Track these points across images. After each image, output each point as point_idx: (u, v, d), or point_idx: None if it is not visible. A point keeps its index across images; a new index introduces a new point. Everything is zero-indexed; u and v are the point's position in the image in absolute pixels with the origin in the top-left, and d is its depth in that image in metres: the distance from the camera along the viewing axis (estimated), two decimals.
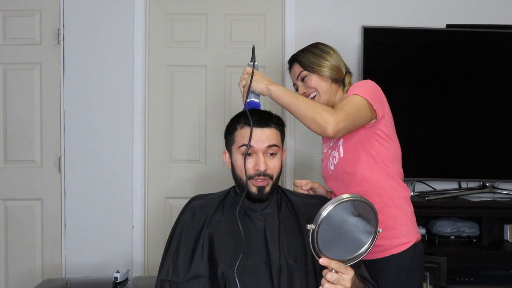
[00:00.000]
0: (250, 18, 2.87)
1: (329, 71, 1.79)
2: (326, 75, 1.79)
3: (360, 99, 1.66)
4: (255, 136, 1.51)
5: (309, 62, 1.80)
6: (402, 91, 2.74)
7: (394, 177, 1.77)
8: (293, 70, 1.86)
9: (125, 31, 2.79)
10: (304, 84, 1.81)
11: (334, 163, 1.77)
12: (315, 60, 1.80)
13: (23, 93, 2.80)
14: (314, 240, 1.19)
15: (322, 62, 1.79)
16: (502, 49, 2.74)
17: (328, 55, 1.81)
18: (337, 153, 1.77)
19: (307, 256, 1.49)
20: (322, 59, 1.80)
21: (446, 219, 2.67)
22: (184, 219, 1.58)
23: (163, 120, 2.86)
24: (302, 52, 1.84)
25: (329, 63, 1.80)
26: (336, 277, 1.23)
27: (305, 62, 1.80)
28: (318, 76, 1.79)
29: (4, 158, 2.80)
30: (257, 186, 1.52)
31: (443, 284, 2.41)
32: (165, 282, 1.51)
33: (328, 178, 1.83)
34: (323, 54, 1.81)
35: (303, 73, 1.81)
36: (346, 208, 1.20)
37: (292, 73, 1.87)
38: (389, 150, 1.78)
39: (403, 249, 1.69)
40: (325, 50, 1.82)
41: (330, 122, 1.56)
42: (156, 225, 2.83)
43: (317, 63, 1.79)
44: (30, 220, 2.79)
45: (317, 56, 1.80)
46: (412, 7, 2.84)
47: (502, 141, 2.74)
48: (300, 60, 1.82)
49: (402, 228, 1.71)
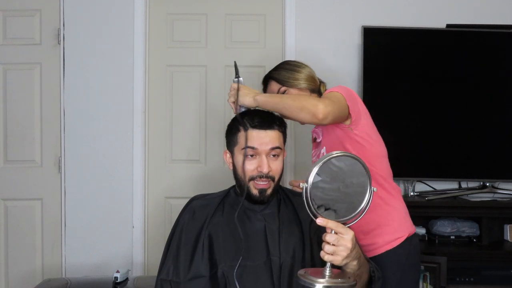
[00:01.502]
0: (250, 18, 2.87)
1: (305, 83, 1.89)
2: (303, 86, 1.89)
3: (338, 93, 1.73)
4: (258, 138, 1.51)
5: (286, 78, 1.89)
6: (402, 91, 2.74)
7: (381, 174, 1.77)
8: (271, 88, 1.93)
9: (125, 31, 2.79)
10: None
11: None
12: (290, 75, 1.89)
13: (23, 93, 2.80)
14: (309, 199, 1.18)
15: (297, 75, 1.89)
16: (502, 49, 2.74)
17: (301, 67, 1.92)
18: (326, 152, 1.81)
19: (306, 255, 1.49)
20: (296, 73, 1.89)
21: (446, 219, 2.68)
22: (184, 219, 1.58)
23: (163, 120, 2.86)
24: (276, 70, 1.94)
25: (304, 75, 1.90)
26: (335, 237, 1.21)
27: (281, 78, 1.90)
28: (297, 89, 1.89)
29: (4, 158, 2.80)
30: (259, 188, 1.51)
31: (443, 284, 2.41)
32: (166, 282, 1.51)
33: None
34: (296, 68, 1.91)
35: (282, 89, 1.89)
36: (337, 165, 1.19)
37: (270, 91, 1.94)
38: (373, 148, 1.78)
39: (396, 244, 1.70)
40: (296, 64, 1.94)
41: (319, 105, 1.62)
42: (156, 225, 2.83)
43: (293, 77, 1.89)
44: (30, 220, 2.79)
45: (291, 71, 1.90)
46: (412, 7, 2.84)
47: (502, 141, 2.74)
48: (276, 77, 1.91)
49: (394, 223, 1.73)
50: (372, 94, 2.70)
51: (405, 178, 2.79)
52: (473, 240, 2.66)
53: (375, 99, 2.71)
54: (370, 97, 2.69)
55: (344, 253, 1.21)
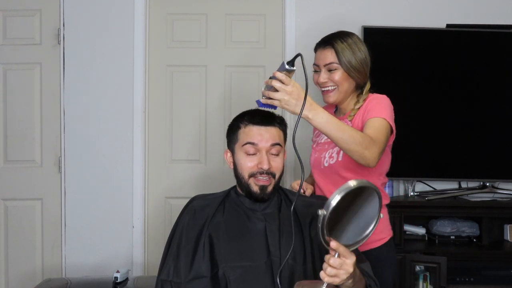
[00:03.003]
0: (250, 18, 2.87)
1: (356, 74, 1.78)
2: (352, 75, 1.78)
3: (386, 124, 1.69)
4: (258, 134, 1.52)
5: (346, 59, 1.75)
6: (402, 91, 2.74)
7: (381, 186, 1.84)
8: (326, 54, 1.78)
9: (125, 31, 2.79)
10: (328, 74, 1.77)
11: (331, 162, 1.78)
12: (350, 57, 1.76)
13: (23, 93, 2.79)
14: (324, 226, 1.18)
15: (355, 62, 1.76)
16: (502, 49, 2.74)
17: (363, 56, 1.79)
18: (336, 155, 1.77)
19: (307, 255, 1.49)
20: (356, 59, 1.76)
21: (446, 219, 2.68)
22: (184, 220, 1.58)
23: (163, 120, 2.86)
24: (341, 42, 1.76)
25: (361, 67, 1.78)
26: (339, 262, 1.21)
27: (341, 55, 1.75)
28: (345, 74, 1.77)
29: (4, 158, 2.80)
30: (259, 185, 1.52)
31: (443, 284, 2.42)
32: (166, 283, 1.51)
33: (318, 171, 1.84)
34: (358, 53, 1.77)
35: (334, 65, 1.76)
36: (352, 194, 1.19)
37: (323, 55, 1.79)
38: (385, 163, 1.83)
39: (380, 244, 1.79)
40: (361, 49, 1.79)
41: (375, 156, 1.56)
42: (156, 225, 2.83)
43: (351, 61, 1.76)
44: (30, 220, 2.79)
45: (353, 54, 1.76)
46: (412, 7, 2.84)
47: (502, 141, 2.74)
48: (337, 50, 1.75)
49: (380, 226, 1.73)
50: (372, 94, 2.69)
51: (405, 178, 2.79)
52: (473, 240, 2.66)
53: None
54: None
55: (344, 276, 1.22)
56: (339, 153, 1.76)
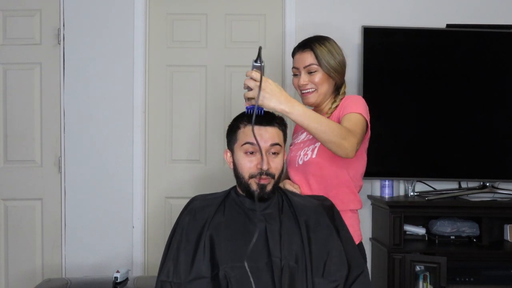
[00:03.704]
0: (250, 18, 2.87)
1: (335, 75, 1.83)
2: (332, 76, 1.83)
3: (362, 119, 1.73)
4: (258, 134, 1.51)
5: (326, 60, 1.81)
6: (402, 91, 2.74)
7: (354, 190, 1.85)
8: (305, 56, 1.84)
9: (125, 31, 2.79)
10: (308, 76, 1.82)
11: (305, 159, 1.81)
12: (330, 60, 1.82)
13: (23, 93, 2.80)
14: None
15: (334, 63, 1.82)
16: (502, 49, 2.74)
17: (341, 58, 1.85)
18: (311, 152, 1.80)
19: (307, 257, 1.49)
20: (334, 60, 1.82)
21: (446, 219, 2.67)
22: (184, 220, 1.57)
23: (163, 120, 2.86)
24: (319, 44, 1.84)
25: (340, 68, 1.84)
26: None
27: (320, 57, 1.81)
28: (325, 75, 1.82)
29: (4, 158, 2.80)
30: (259, 184, 1.52)
31: (443, 284, 2.42)
32: (166, 283, 1.50)
33: (293, 169, 1.87)
34: (336, 55, 1.84)
35: (314, 67, 1.82)
36: None
37: (302, 58, 1.84)
38: (361, 165, 1.86)
39: None
40: (338, 52, 1.85)
41: (353, 146, 1.60)
42: (156, 225, 2.83)
43: (330, 62, 1.81)
44: (30, 220, 2.79)
45: (331, 56, 1.82)
46: (412, 7, 2.84)
47: (502, 141, 2.74)
48: (316, 52, 1.82)
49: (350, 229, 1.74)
50: (372, 94, 2.69)
51: (405, 178, 2.79)
52: (473, 240, 2.65)
53: (375, 99, 2.69)
54: (370, 97, 2.66)
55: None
56: (314, 150, 1.79)
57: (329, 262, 1.51)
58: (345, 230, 1.62)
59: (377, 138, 2.70)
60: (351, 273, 1.53)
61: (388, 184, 2.71)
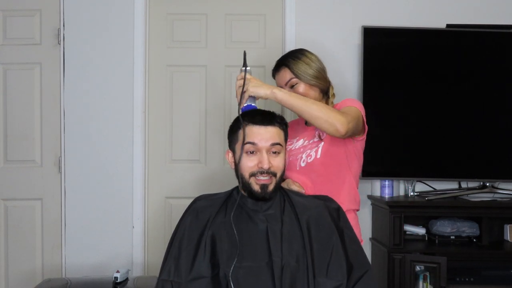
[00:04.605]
0: (250, 18, 2.87)
1: (318, 82, 1.89)
2: (314, 84, 1.88)
3: (358, 111, 1.80)
4: (258, 133, 1.52)
5: (302, 71, 1.87)
6: (402, 91, 2.74)
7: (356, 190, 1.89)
8: (282, 74, 1.91)
9: (125, 31, 2.79)
10: (292, 91, 1.86)
11: (308, 161, 1.83)
12: (306, 69, 1.87)
13: (23, 93, 2.79)
14: None
15: (314, 72, 1.88)
16: (502, 49, 2.74)
17: (317, 64, 1.91)
18: (314, 153, 1.83)
19: (308, 257, 1.49)
20: (311, 69, 1.88)
21: (446, 219, 2.67)
22: (186, 220, 1.58)
23: (163, 120, 2.86)
24: (292, 59, 1.90)
25: (320, 74, 1.89)
26: None
27: (296, 71, 1.87)
28: (308, 86, 1.87)
29: (4, 158, 2.80)
30: (260, 184, 1.52)
31: (443, 284, 2.42)
32: (167, 283, 1.51)
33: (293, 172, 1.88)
34: (311, 63, 1.89)
35: (294, 80, 1.88)
36: None
37: (280, 77, 1.93)
38: (359, 165, 1.91)
39: None
40: (313, 59, 1.91)
41: (342, 121, 1.65)
42: (156, 225, 2.83)
43: (309, 73, 1.87)
44: (30, 220, 2.78)
45: (307, 66, 1.88)
46: (412, 7, 2.84)
47: (502, 141, 2.74)
48: (292, 67, 1.88)
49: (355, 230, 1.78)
50: (372, 94, 2.70)
51: (405, 178, 2.79)
52: (473, 240, 2.65)
53: (375, 99, 2.71)
54: (370, 97, 2.69)
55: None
56: (317, 151, 1.82)
57: (332, 262, 1.51)
58: (350, 230, 1.62)
59: (377, 138, 2.70)
60: (355, 273, 1.53)
61: (388, 184, 2.71)
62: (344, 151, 1.84)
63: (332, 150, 1.81)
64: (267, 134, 1.53)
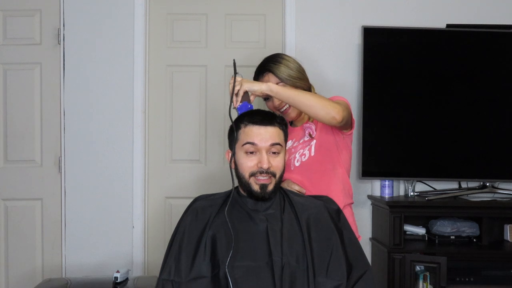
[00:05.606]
0: (250, 18, 2.87)
1: (301, 82, 1.92)
2: (299, 85, 1.91)
3: (347, 104, 1.87)
4: (258, 134, 1.53)
5: (285, 75, 1.90)
6: (402, 91, 2.74)
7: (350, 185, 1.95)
8: (266, 79, 1.94)
9: (125, 31, 2.79)
10: None
11: (302, 160, 1.88)
12: (289, 72, 1.91)
13: (23, 93, 2.79)
14: None
15: (295, 74, 1.92)
16: (502, 49, 2.74)
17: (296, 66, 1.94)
18: (308, 152, 1.87)
19: (308, 257, 1.49)
20: (293, 71, 1.92)
21: (446, 219, 2.68)
22: (186, 219, 1.58)
23: (163, 120, 2.86)
24: (273, 64, 1.93)
25: (301, 75, 1.94)
26: None
27: (281, 75, 1.90)
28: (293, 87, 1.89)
29: (4, 158, 2.80)
30: (260, 184, 1.52)
31: (443, 284, 2.42)
32: (167, 282, 1.51)
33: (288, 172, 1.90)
34: (291, 65, 1.93)
35: (280, 84, 1.89)
36: None
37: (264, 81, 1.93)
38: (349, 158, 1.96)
39: None
40: (291, 61, 1.95)
41: (338, 108, 1.71)
42: (156, 225, 2.83)
43: (291, 74, 1.91)
44: (30, 220, 2.78)
45: (289, 68, 1.92)
46: (412, 7, 2.84)
47: (502, 141, 2.74)
48: (275, 71, 1.91)
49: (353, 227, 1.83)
50: (372, 94, 2.70)
51: (405, 178, 2.79)
52: (473, 240, 2.66)
53: (375, 99, 2.71)
54: (370, 97, 2.70)
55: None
56: (310, 149, 1.86)
57: (332, 261, 1.51)
58: (349, 232, 1.62)
59: (377, 138, 2.71)
60: (354, 273, 1.53)
61: (388, 184, 2.71)
62: (335, 146, 1.89)
63: (324, 146, 1.87)
64: (267, 134, 1.53)
